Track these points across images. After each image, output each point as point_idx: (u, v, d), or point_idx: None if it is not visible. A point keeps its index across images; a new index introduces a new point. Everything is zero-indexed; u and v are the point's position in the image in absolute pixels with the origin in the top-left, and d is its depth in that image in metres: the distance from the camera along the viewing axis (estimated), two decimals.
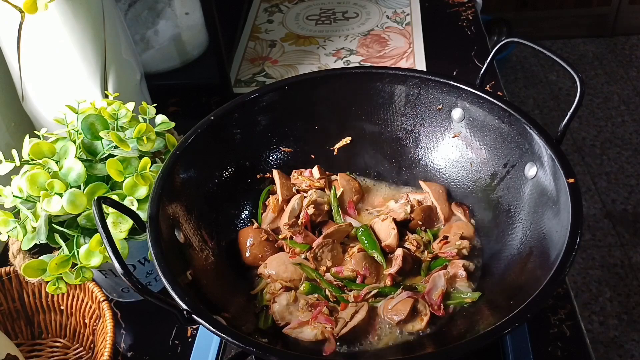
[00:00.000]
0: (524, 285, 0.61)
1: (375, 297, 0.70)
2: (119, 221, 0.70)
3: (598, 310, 1.91)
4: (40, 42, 0.84)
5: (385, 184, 0.85)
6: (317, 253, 0.73)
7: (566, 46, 2.96)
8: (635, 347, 1.81)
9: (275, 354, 0.55)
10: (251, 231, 0.77)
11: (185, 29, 1.19)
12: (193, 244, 0.70)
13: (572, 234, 0.59)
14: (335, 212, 0.79)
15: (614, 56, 2.90)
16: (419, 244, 0.75)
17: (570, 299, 0.82)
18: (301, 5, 1.45)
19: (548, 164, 0.68)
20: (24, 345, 0.83)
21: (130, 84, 0.95)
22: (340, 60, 1.27)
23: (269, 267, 0.73)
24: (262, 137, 0.82)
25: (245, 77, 1.25)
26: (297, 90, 0.81)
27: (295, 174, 0.83)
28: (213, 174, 0.78)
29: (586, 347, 0.77)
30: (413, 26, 1.35)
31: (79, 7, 0.82)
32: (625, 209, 2.21)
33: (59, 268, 0.70)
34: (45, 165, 0.71)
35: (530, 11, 2.93)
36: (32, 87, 0.89)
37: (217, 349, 0.76)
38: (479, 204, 0.78)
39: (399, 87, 0.81)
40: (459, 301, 0.69)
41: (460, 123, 0.80)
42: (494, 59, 0.77)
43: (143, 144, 0.75)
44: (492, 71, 1.18)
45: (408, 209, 0.78)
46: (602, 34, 3.00)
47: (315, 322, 0.66)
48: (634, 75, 2.79)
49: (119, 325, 0.83)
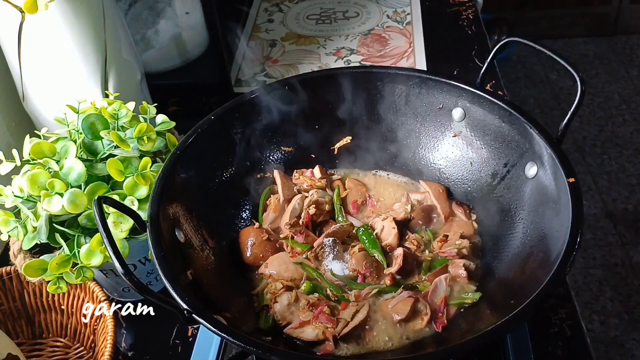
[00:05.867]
0: (525, 285, 0.61)
1: (376, 296, 0.70)
2: (119, 221, 0.70)
3: (599, 309, 1.91)
4: (41, 42, 0.84)
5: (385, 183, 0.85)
6: (318, 252, 0.73)
7: (567, 45, 2.96)
8: (636, 347, 1.81)
9: (275, 354, 0.55)
10: (252, 231, 0.77)
11: (186, 28, 1.19)
12: (193, 244, 0.70)
13: (573, 233, 0.59)
14: (337, 211, 0.79)
15: (614, 55, 2.90)
16: (420, 244, 0.75)
17: (571, 298, 0.82)
18: (302, 4, 1.45)
19: (549, 163, 0.68)
20: (24, 344, 0.83)
21: (130, 84, 0.95)
22: (341, 59, 1.27)
23: (269, 266, 0.73)
24: (263, 136, 0.82)
25: (246, 76, 1.25)
26: (298, 89, 0.81)
27: (296, 174, 0.83)
28: (214, 174, 0.78)
29: (587, 347, 0.77)
30: (413, 26, 1.35)
31: (80, 7, 0.82)
32: (626, 209, 2.21)
33: (60, 268, 0.70)
34: (45, 165, 0.71)
35: (531, 10, 2.93)
36: (33, 87, 0.89)
37: (217, 349, 0.76)
38: (480, 203, 0.78)
39: (399, 86, 0.81)
40: (460, 301, 0.69)
41: (460, 122, 0.80)
42: (495, 59, 0.77)
43: (143, 144, 0.75)
44: (493, 71, 1.18)
45: (408, 208, 0.78)
46: (603, 34, 2.99)
47: (316, 321, 0.66)
48: (634, 75, 2.79)
49: (120, 324, 0.83)
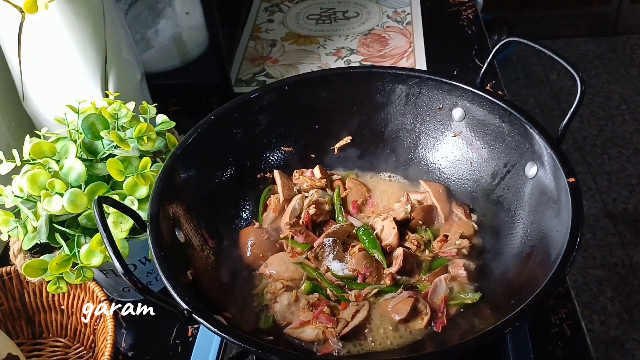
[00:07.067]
0: (525, 285, 0.61)
1: (376, 296, 0.70)
2: (119, 221, 0.70)
3: (599, 309, 1.91)
4: (41, 42, 0.84)
5: (385, 183, 0.85)
6: (318, 252, 0.73)
7: (567, 45, 2.96)
8: (636, 347, 1.81)
9: (275, 354, 0.55)
10: (252, 231, 0.77)
11: (186, 28, 1.19)
12: (194, 244, 0.70)
13: (573, 233, 0.59)
14: (337, 211, 0.80)
15: (614, 55, 2.90)
16: (420, 244, 0.75)
17: (571, 298, 0.82)
18: (302, 4, 1.45)
19: (549, 163, 0.68)
20: (24, 344, 0.83)
21: (130, 84, 0.95)
22: (341, 59, 1.27)
23: (269, 266, 0.73)
24: (263, 136, 0.82)
25: (246, 76, 1.25)
26: (298, 89, 0.81)
27: (296, 174, 0.83)
28: (214, 174, 0.78)
29: (587, 347, 0.77)
30: (413, 25, 1.35)
31: (80, 7, 0.82)
32: (626, 208, 2.21)
33: (60, 268, 0.70)
34: (45, 165, 0.71)
35: (531, 10, 2.93)
36: (33, 87, 0.89)
37: (217, 349, 0.76)
38: (480, 203, 0.78)
39: (399, 86, 0.81)
40: (460, 301, 0.69)
41: (460, 122, 0.80)
42: (495, 59, 0.77)
43: (143, 144, 0.75)
44: (493, 70, 1.18)
45: (408, 208, 0.78)
46: (603, 33, 2.99)
47: (316, 321, 0.66)
48: (634, 75, 2.79)
49: (120, 324, 0.83)
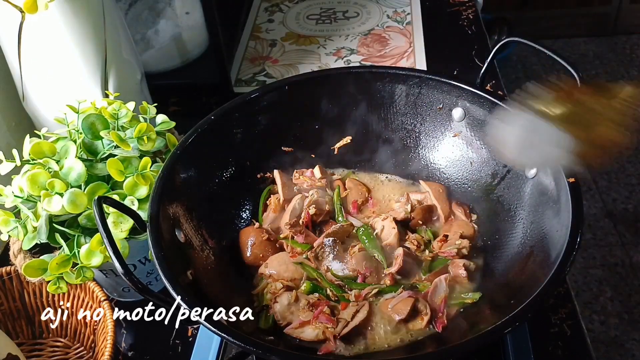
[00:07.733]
0: (525, 285, 0.61)
1: (376, 296, 0.70)
2: (119, 221, 0.70)
3: (599, 309, 1.91)
4: (41, 42, 0.84)
5: (385, 183, 0.85)
6: (318, 252, 0.73)
7: (567, 45, 2.95)
8: (636, 347, 1.81)
9: (275, 354, 0.55)
10: (252, 231, 0.77)
11: (186, 28, 1.19)
12: (194, 244, 0.70)
13: (573, 233, 0.59)
14: (337, 211, 0.79)
15: (614, 55, 2.90)
16: (420, 244, 0.75)
17: (571, 298, 0.82)
18: (302, 4, 1.45)
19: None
20: (24, 344, 0.83)
21: (130, 84, 0.95)
22: (341, 59, 1.27)
23: (269, 266, 0.73)
24: (263, 136, 0.82)
25: (246, 76, 1.25)
26: (298, 89, 0.81)
27: (296, 174, 0.83)
28: (214, 174, 0.78)
29: (587, 347, 0.77)
30: (413, 25, 1.35)
31: (80, 7, 0.82)
32: (625, 208, 2.21)
33: (60, 268, 0.70)
34: (45, 165, 0.71)
35: (531, 10, 2.93)
36: (33, 87, 0.89)
37: (217, 349, 0.76)
38: (480, 203, 0.78)
39: (399, 86, 0.81)
40: (460, 301, 0.69)
41: (460, 122, 0.80)
42: (495, 58, 0.77)
43: (143, 144, 0.75)
44: (493, 70, 1.18)
45: (408, 208, 0.78)
46: (603, 34, 2.99)
47: (316, 321, 0.66)
48: (634, 75, 2.78)
49: (120, 324, 0.83)
